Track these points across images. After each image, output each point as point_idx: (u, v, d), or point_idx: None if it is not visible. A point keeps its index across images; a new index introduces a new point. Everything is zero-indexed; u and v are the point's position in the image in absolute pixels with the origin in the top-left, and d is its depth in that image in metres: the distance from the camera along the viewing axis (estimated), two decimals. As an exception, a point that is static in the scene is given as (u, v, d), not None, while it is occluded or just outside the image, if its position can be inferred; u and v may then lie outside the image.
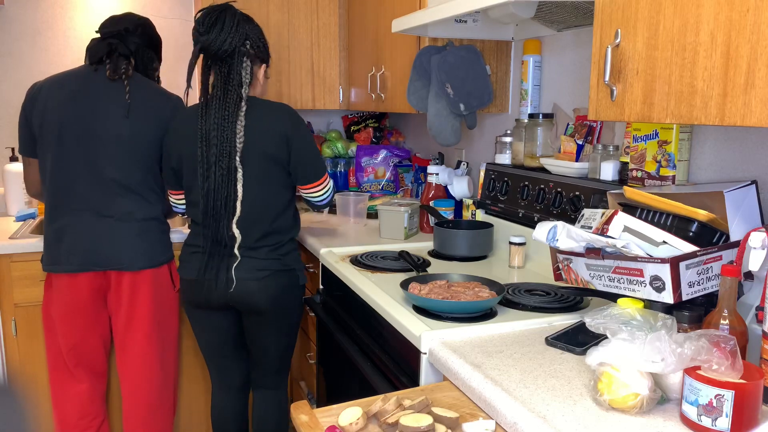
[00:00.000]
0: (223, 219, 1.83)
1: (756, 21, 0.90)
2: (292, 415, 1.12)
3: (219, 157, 1.79)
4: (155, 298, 2.00)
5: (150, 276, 1.97)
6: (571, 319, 1.45)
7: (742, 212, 1.26)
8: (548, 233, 1.33)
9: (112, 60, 1.94)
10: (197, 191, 1.86)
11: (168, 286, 2.04)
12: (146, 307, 1.99)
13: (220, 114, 1.79)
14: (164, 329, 2.06)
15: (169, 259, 2.04)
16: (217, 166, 1.80)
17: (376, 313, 1.61)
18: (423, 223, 2.39)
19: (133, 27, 1.99)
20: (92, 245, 1.91)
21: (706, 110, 0.98)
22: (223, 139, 1.79)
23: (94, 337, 2.03)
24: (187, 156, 1.85)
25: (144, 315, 1.99)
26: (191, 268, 1.92)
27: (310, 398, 2.47)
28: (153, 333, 2.02)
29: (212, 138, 1.80)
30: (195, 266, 1.91)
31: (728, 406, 0.91)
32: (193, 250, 1.93)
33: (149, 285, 1.97)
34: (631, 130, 1.56)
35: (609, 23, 1.18)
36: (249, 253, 1.87)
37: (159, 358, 2.05)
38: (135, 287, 1.97)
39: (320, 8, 2.84)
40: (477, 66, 2.00)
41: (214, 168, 1.80)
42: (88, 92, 1.91)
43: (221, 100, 1.80)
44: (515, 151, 2.05)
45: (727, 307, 1.07)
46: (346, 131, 3.30)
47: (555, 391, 1.08)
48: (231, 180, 1.81)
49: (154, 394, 2.07)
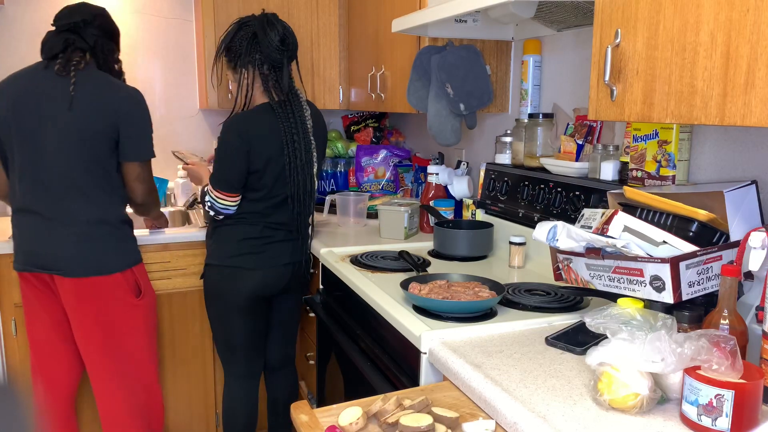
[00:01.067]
0: (307, 205, 2.07)
1: (756, 21, 0.90)
2: (292, 415, 1.12)
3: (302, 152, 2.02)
4: (104, 307, 1.90)
5: (96, 284, 1.87)
6: (571, 319, 1.45)
7: (742, 212, 1.26)
8: (548, 233, 1.33)
9: (65, 54, 1.86)
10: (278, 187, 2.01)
11: (127, 293, 1.94)
12: (92, 317, 1.90)
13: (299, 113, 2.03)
14: (120, 340, 1.95)
15: (127, 265, 1.93)
16: (299, 159, 2.01)
17: (376, 313, 1.61)
18: (423, 223, 2.39)
19: (91, 18, 1.90)
20: (34, 247, 1.87)
21: (706, 110, 0.98)
22: (304, 135, 2.03)
23: (58, 338, 2.00)
24: (275, 156, 1.98)
25: (90, 325, 1.91)
26: (272, 257, 2.05)
27: (310, 398, 2.47)
28: (103, 344, 1.93)
29: (294, 135, 2.00)
30: (279, 254, 2.06)
31: (728, 406, 0.91)
32: (264, 242, 2.04)
33: (95, 294, 1.88)
34: (631, 130, 1.56)
35: (609, 23, 1.18)
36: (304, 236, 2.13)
37: (115, 369, 1.97)
38: (78, 295, 1.88)
39: (320, 8, 2.84)
40: (477, 66, 2.00)
41: (297, 161, 2.01)
42: (37, 89, 1.84)
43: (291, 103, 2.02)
44: (515, 151, 2.05)
45: (727, 307, 1.07)
46: (346, 131, 3.30)
47: (555, 391, 1.08)
48: (309, 170, 2.06)
49: (118, 405, 2.00)
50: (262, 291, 2.06)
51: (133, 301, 1.97)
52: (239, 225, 2.04)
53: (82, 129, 1.83)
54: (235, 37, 2.01)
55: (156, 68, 2.99)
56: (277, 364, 2.30)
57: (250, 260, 2.03)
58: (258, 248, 2.03)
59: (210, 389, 2.53)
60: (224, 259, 2.03)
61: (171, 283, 2.40)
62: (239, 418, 2.17)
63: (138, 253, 2.01)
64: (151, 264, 2.34)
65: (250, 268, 2.03)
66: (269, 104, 2.01)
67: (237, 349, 2.12)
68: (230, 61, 2.05)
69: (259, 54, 1.99)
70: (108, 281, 1.90)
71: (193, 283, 2.44)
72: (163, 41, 2.98)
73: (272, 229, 2.05)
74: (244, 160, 1.95)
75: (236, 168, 1.95)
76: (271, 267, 2.05)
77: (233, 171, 1.96)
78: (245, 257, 2.03)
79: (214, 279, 2.06)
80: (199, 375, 2.50)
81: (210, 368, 2.52)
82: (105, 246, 1.89)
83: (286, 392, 2.33)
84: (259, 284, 2.05)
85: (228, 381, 2.18)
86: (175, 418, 2.49)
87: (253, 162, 1.96)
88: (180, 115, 3.06)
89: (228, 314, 2.06)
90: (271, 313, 2.23)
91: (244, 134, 1.94)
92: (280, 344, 2.27)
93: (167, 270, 2.39)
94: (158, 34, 2.97)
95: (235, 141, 1.94)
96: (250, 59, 2.00)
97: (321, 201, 2.90)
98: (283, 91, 2.02)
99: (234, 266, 2.02)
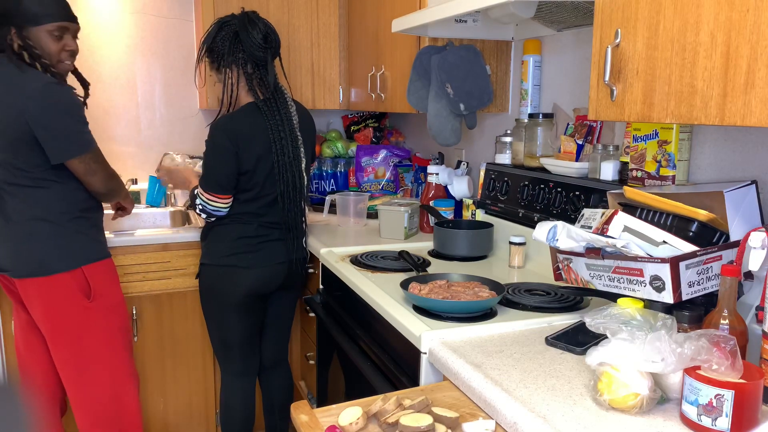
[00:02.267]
0: (297, 202, 2.07)
1: (756, 21, 0.90)
2: (292, 415, 1.12)
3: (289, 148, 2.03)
4: (50, 309, 1.81)
5: (40, 284, 1.78)
6: (571, 319, 1.45)
7: (742, 212, 1.26)
8: (548, 233, 1.33)
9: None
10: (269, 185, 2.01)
11: (75, 294, 1.83)
12: (41, 318, 1.82)
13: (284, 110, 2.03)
14: (76, 343, 1.85)
15: (74, 265, 1.81)
16: (287, 156, 2.02)
17: (376, 313, 1.61)
18: (423, 223, 2.39)
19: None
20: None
21: (706, 110, 0.98)
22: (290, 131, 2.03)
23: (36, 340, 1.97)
24: (264, 155, 1.99)
25: (42, 327, 1.84)
26: (268, 255, 2.05)
27: (310, 398, 2.47)
28: (57, 348, 1.86)
29: (281, 132, 2.01)
30: (275, 252, 2.06)
31: (728, 406, 0.91)
32: (260, 240, 2.04)
33: (39, 295, 1.79)
34: (631, 130, 1.56)
35: (609, 23, 1.18)
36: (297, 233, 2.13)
37: (76, 376, 1.88)
38: (27, 296, 1.81)
39: (320, 8, 2.84)
40: (477, 66, 2.00)
41: (285, 158, 2.02)
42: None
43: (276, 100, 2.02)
44: (515, 151, 2.05)
45: (727, 307, 1.07)
46: (346, 131, 3.30)
47: (555, 391, 1.08)
48: (297, 166, 2.06)
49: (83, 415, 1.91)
50: (258, 289, 2.07)
51: (84, 303, 1.84)
52: (234, 224, 2.04)
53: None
54: (216, 38, 2.00)
55: (156, 68, 2.99)
56: (272, 363, 2.31)
57: (246, 259, 2.03)
58: (253, 247, 2.04)
59: (210, 389, 2.53)
60: (220, 258, 2.04)
61: (171, 283, 2.40)
62: (236, 416, 2.17)
63: (92, 252, 1.86)
64: (151, 264, 2.34)
65: (246, 266, 2.03)
66: (255, 103, 2.01)
67: (233, 348, 2.12)
68: (213, 61, 2.04)
69: (242, 53, 1.99)
70: (51, 282, 1.79)
71: (192, 283, 2.44)
72: (163, 41, 2.98)
73: (267, 227, 2.06)
74: (233, 161, 1.95)
75: (226, 170, 1.95)
76: (266, 265, 2.06)
77: (223, 173, 1.95)
78: (241, 256, 2.03)
79: (210, 278, 2.06)
80: (199, 375, 2.50)
81: (210, 368, 2.52)
82: (45, 245, 1.78)
83: (281, 391, 2.34)
84: (255, 282, 2.06)
85: (224, 379, 2.18)
86: (175, 418, 2.49)
87: (243, 162, 1.96)
88: (180, 115, 3.07)
89: (224, 312, 2.07)
90: (267, 311, 2.23)
91: (231, 136, 1.94)
92: (274, 342, 2.29)
93: (167, 270, 2.39)
94: (158, 34, 2.97)
95: (224, 142, 1.94)
96: (233, 59, 2.00)
97: (321, 201, 2.90)
98: (268, 89, 2.01)
99: (230, 265, 2.03)
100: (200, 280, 2.11)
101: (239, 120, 1.96)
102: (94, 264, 1.86)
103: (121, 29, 2.90)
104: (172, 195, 2.98)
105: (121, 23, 2.89)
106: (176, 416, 2.49)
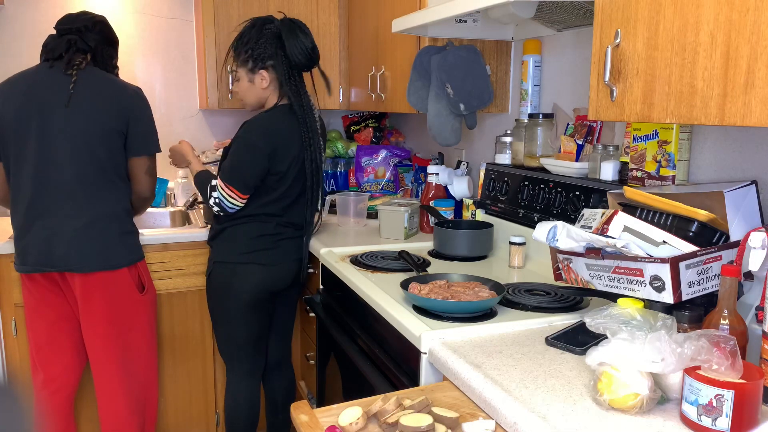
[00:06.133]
0: (316, 203, 2.14)
1: (756, 21, 0.90)
2: (292, 415, 1.12)
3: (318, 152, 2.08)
4: (112, 302, 1.94)
5: (105, 279, 1.92)
6: (571, 319, 1.45)
7: (742, 212, 1.26)
8: (548, 233, 1.33)
9: (68, 55, 1.92)
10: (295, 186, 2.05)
11: (132, 288, 1.98)
12: (100, 312, 1.94)
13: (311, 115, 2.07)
14: (126, 335, 2.00)
15: (131, 261, 1.97)
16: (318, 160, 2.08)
17: (376, 313, 1.61)
18: (423, 223, 2.39)
19: (91, 25, 1.97)
20: (46, 246, 1.88)
21: (706, 110, 0.98)
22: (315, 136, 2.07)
23: (62, 337, 2.01)
24: (297, 158, 2.02)
25: (98, 319, 1.94)
26: (284, 253, 2.09)
27: (310, 398, 2.47)
28: (111, 339, 1.97)
29: (312, 136, 2.05)
30: (289, 250, 2.10)
31: (728, 406, 0.91)
32: (278, 238, 2.07)
33: (103, 288, 1.92)
34: (631, 130, 1.56)
35: (609, 23, 1.18)
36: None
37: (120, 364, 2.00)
38: (89, 290, 1.92)
39: (320, 8, 2.84)
40: (477, 66, 2.00)
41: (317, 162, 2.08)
42: (38, 89, 1.88)
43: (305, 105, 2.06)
44: (515, 151, 2.05)
45: (727, 307, 1.07)
46: (346, 131, 3.30)
47: (555, 391, 1.08)
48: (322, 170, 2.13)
49: (119, 400, 2.02)
50: (273, 286, 2.09)
51: (137, 297, 2.01)
52: (252, 223, 2.05)
53: (92, 127, 1.88)
54: (260, 38, 2.01)
55: (156, 68, 2.99)
56: (276, 362, 2.32)
57: (265, 256, 2.06)
58: (272, 244, 2.07)
59: (210, 389, 2.53)
60: (237, 256, 2.05)
61: (171, 283, 2.40)
62: (243, 416, 2.17)
63: (140, 249, 2.04)
64: (151, 264, 2.34)
65: (264, 263, 2.06)
66: (288, 105, 2.03)
67: (243, 347, 2.12)
68: (249, 60, 2.03)
69: (284, 56, 2.01)
70: (116, 276, 1.94)
71: (193, 283, 2.44)
72: (163, 41, 2.99)
73: (283, 226, 2.09)
74: (265, 162, 1.96)
75: (255, 169, 1.96)
76: (282, 262, 2.10)
77: (252, 171, 1.96)
78: (260, 253, 2.05)
79: (224, 276, 2.06)
80: (199, 375, 2.50)
81: (210, 368, 2.52)
82: (113, 242, 1.93)
83: (284, 391, 2.35)
84: (271, 279, 2.08)
85: (231, 379, 2.17)
86: (175, 418, 2.49)
87: (277, 164, 1.98)
88: (180, 115, 3.07)
89: (236, 311, 2.07)
90: (274, 310, 2.24)
91: (269, 137, 1.95)
92: (279, 341, 2.30)
93: (167, 270, 2.39)
94: (158, 34, 2.97)
95: (260, 142, 1.95)
96: (274, 62, 2.02)
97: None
98: (301, 93, 2.05)
99: (247, 262, 2.04)
100: (211, 279, 2.10)
101: (278, 121, 1.99)
102: (143, 261, 2.05)
103: (121, 29, 2.90)
104: (172, 195, 2.98)
105: (121, 23, 2.89)
106: (176, 416, 2.49)
